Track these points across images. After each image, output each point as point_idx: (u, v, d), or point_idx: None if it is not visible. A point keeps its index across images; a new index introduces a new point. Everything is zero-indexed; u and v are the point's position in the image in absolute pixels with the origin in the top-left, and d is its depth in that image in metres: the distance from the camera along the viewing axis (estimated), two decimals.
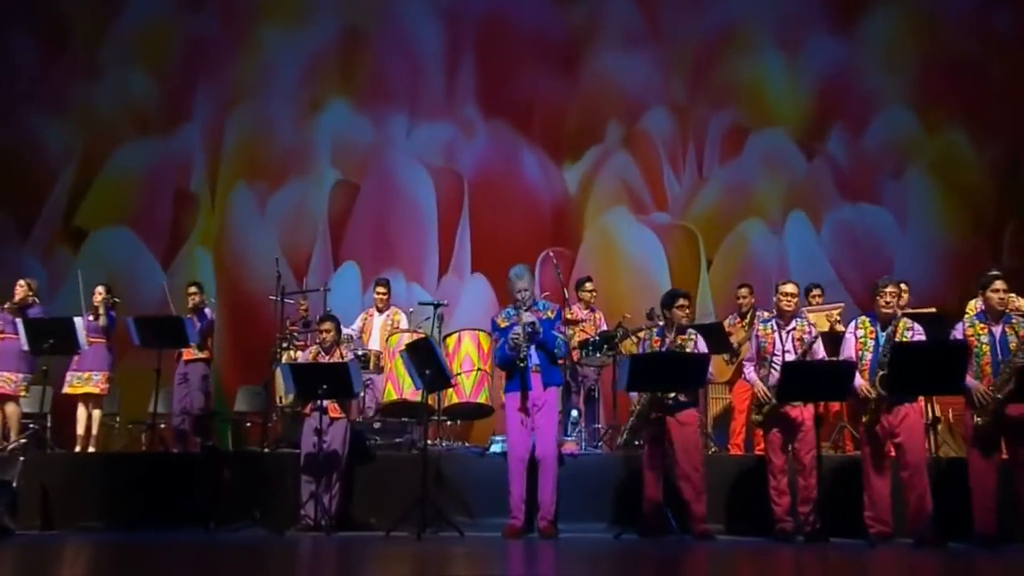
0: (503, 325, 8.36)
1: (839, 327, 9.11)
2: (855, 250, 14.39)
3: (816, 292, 11.06)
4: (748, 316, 10.74)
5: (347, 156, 15.53)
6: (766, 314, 9.41)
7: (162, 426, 11.38)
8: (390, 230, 14.93)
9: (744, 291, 10.94)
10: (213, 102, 15.63)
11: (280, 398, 10.50)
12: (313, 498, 8.83)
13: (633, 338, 9.76)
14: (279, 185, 15.30)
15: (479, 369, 9.79)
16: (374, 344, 11.06)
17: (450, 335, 10.31)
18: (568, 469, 8.82)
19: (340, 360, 9.25)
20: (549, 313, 8.40)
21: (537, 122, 15.53)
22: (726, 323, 10.90)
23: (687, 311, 8.45)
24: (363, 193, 15.29)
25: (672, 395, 8.30)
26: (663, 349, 8.42)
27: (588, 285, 11.21)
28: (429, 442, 9.44)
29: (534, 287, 8.36)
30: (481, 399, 9.99)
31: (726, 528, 8.85)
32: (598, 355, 10.48)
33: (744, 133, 15.41)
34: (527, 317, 8.14)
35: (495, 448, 9.55)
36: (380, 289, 11.47)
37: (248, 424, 12.14)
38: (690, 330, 8.63)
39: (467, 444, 10.66)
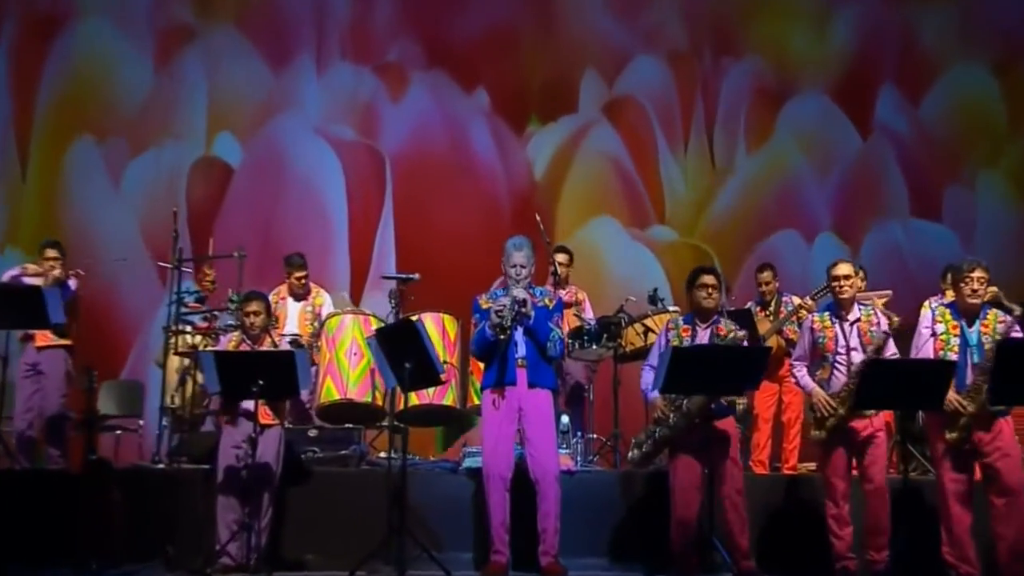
0: (486, 307, 7.67)
1: (893, 319, 8.23)
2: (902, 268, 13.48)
3: (858, 276, 9.70)
4: (772, 304, 9.92)
5: (222, 117, 13.81)
6: (807, 302, 9.33)
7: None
8: (279, 225, 13.20)
9: (766, 274, 10.02)
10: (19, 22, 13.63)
11: (172, 397, 9.88)
12: (236, 530, 7.98)
13: (638, 326, 9.30)
14: (135, 150, 13.55)
15: (444, 362, 8.88)
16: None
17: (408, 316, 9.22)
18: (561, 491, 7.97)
19: (279, 348, 8.41)
20: (547, 301, 7.78)
21: (491, 77, 14.07)
22: None
23: (714, 293, 7.70)
24: (241, 173, 13.63)
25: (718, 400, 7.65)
26: (693, 341, 7.73)
27: (561, 257, 10.17)
28: (381, 455, 9.15)
29: (532, 267, 7.69)
30: (447, 400, 9.23)
31: (765, 566, 8.13)
32: (594, 347, 9.68)
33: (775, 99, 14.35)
34: (519, 292, 7.50)
35: (470, 463, 8.72)
36: (298, 274, 10.38)
37: (119, 432, 10.94)
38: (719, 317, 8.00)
39: (433, 458, 9.95)
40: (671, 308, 9.64)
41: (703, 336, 7.82)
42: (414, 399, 9.01)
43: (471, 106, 13.89)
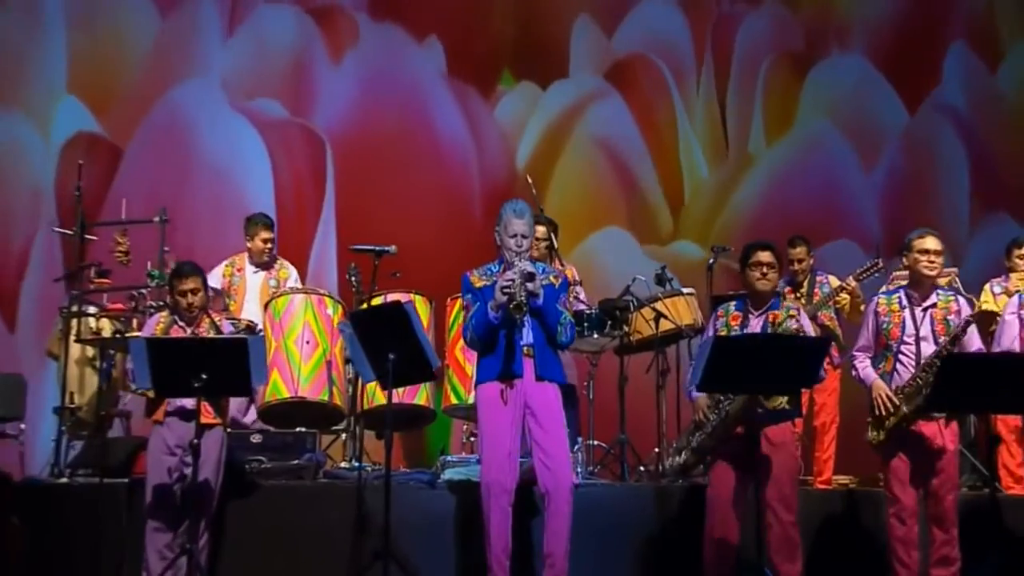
0: (479, 285, 7.26)
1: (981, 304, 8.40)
2: None
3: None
4: (805, 284, 9.50)
5: (88, 82, 12.46)
6: (849, 282, 9.21)
7: None
8: (185, 225, 11.52)
9: (799, 249, 9.51)
10: None
11: (71, 395, 9.43)
12: (171, 557, 7.55)
13: (647, 311, 9.09)
14: None
15: None
16: (248, 314, 9.57)
17: (368, 300, 8.93)
18: None
19: (226, 334, 7.89)
20: (552, 279, 7.33)
21: (454, 30, 12.91)
22: None
23: (770, 273, 7.33)
24: (130, 158, 12.24)
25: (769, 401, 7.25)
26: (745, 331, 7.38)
27: (540, 230, 9.23)
28: (342, 465, 8.86)
29: (531, 240, 7.30)
30: (420, 399, 8.92)
31: None
32: (595, 336, 9.11)
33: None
34: (526, 265, 7.02)
35: (450, 474, 8.37)
36: (267, 234, 9.81)
37: None
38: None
39: (405, 469, 9.39)
40: (685, 290, 9.19)
41: (756, 325, 7.42)
42: (379, 397, 8.52)
43: (432, 69, 12.83)
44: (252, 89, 12.60)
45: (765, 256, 7.38)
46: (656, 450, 9.36)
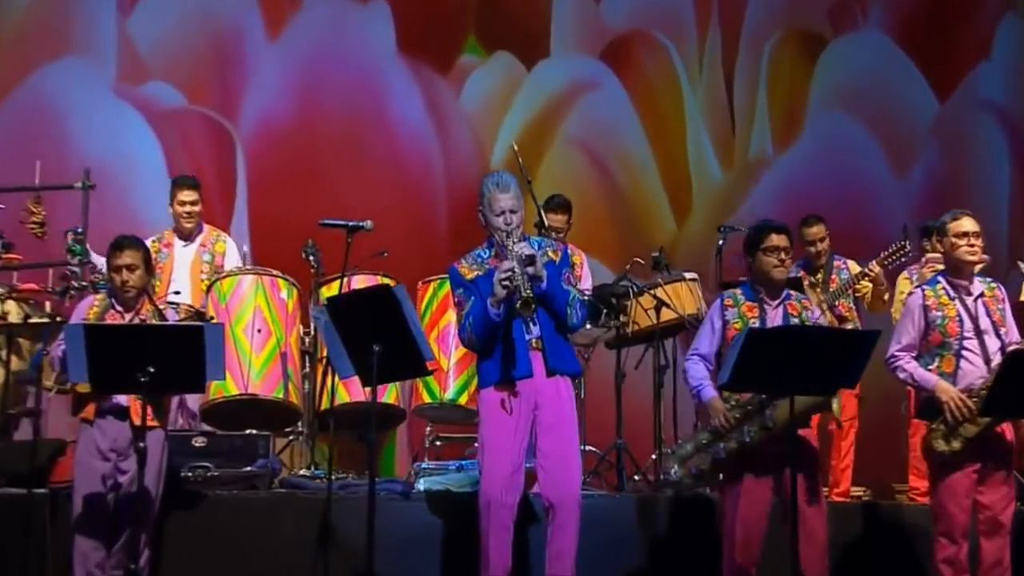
0: (471, 276, 7.04)
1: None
2: None
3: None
4: (822, 269, 9.31)
5: None
6: (873, 268, 8.97)
7: None
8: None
9: (816, 228, 9.30)
10: None
11: None
12: None
13: (646, 298, 8.83)
14: None
15: None
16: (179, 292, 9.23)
17: (328, 281, 8.71)
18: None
19: (175, 320, 7.73)
20: (551, 254, 7.11)
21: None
22: None
23: (788, 260, 7.16)
24: None
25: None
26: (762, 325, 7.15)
27: (557, 218, 9.31)
28: (302, 473, 8.52)
29: (522, 214, 7.01)
30: (389, 398, 8.71)
31: None
32: (588, 326, 8.87)
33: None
34: (522, 248, 6.80)
35: (426, 483, 8.26)
36: (187, 195, 9.38)
37: None
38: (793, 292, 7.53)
39: (375, 478, 8.49)
40: (687, 275, 8.95)
41: (774, 317, 7.20)
42: (343, 395, 8.36)
43: (384, 41, 12.11)
44: (146, 72, 11.81)
45: (782, 240, 7.16)
46: (653, 456, 9.18)
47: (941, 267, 8.58)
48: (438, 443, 9.09)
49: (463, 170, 11.92)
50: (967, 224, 7.32)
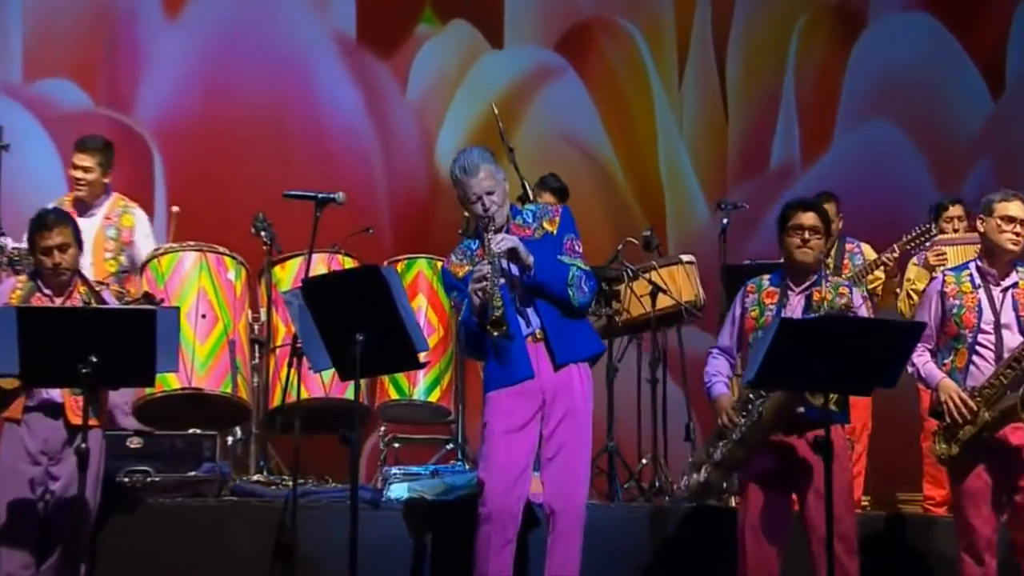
0: (462, 273, 6.85)
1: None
2: None
3: (954, 211, 9.45)
4: (833, 253, 9.06)
5: None
6: (892, 254, 8.88)
7: None
8: None
9: (829, 207, 8.86)
10: None
11: None
12: None
13: (640, 284, 8.67)
14: None
15: None
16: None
17: (282, 260, 8.54)
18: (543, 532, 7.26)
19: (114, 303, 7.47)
20: (547, 224, 6.88)
21: None
22: None
23: (813, 240, 6.92)
24: None
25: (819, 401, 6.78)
26: (782, 312, 7.01)
27: (549, 198, 9.12)
28: (256, 479, 8.28)
29: (506, 188, 6.80)
30: (351, 393, 7.92)
31: None
32: None
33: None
34: (500, 242, 6.57)
35: (397, 491, 8.00)
36: (80, 159, 8.82)
37: None
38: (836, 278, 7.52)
39: (336, 484, 8.71)
40: (684, 258, 8.82)
41: (796, 304, 7.01)
42: (302, 391, 8.20)
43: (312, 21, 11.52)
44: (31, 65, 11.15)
45: (807, 218, 6.94)
46: (644, 461, 9.11)
47: (948, 251, 8.68)
48: (396, 445, 8.79)
49: (408, 168, 11.54)
50: (1015, 208, 7.13)
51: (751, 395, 6.87)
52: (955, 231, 9.43)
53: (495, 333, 6.43)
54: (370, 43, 11.50)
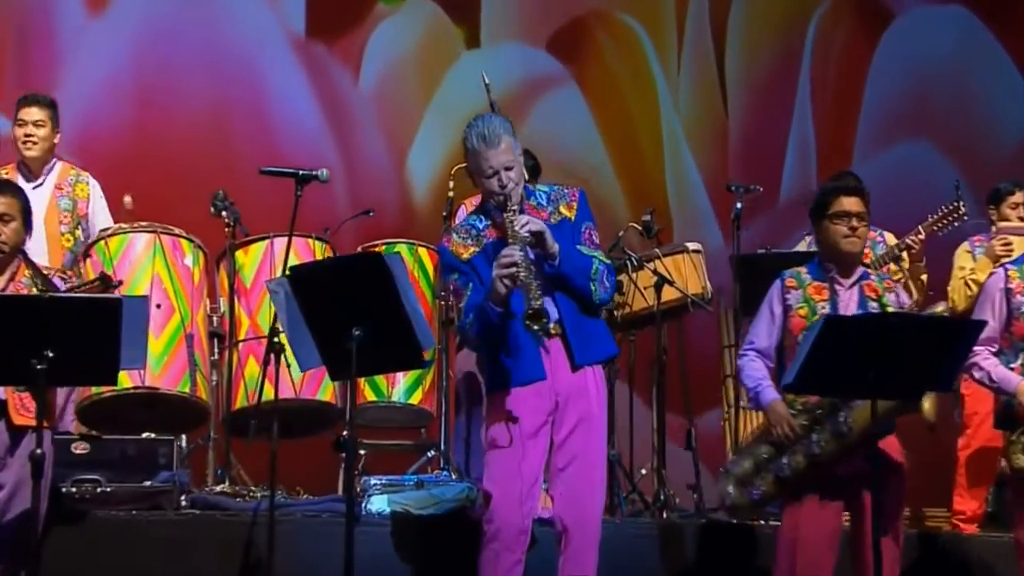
0: (467, 255, 6.47)
1: None
2: None
3: (1019, 197, 9.14)
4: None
5: None
6: (916, 237, 8.57)
7: None
8: None
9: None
10: None
11: None
12: None
13: (644, 274, 8.45)
14: None
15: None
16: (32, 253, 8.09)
17: (245, 244, 8.24)
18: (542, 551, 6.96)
19: (65, 289, 7.13)
20: (564, 209, 6.53)
21: None
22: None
23: (862, 228, 6.73)
24: None
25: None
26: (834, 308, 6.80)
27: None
28: (218, 489, 7.96)
29: (521, 165, 6.38)
30: (324, 394, 8.19)
31: None
32: None
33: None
34: (526, 224, 6.19)
35: (377, 504, 7.66)
36: (24, 115, 8.49)
37: None
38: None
39: (308, 495, 8.47)
40: (690, 246, 8.57)
41: (848, 300, 6.75)
42: (267, 392, 7.65)
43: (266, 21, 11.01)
44: None
45: (852, 204, 6.68)
46: (644, 472, 8.88)
47: (1015, 241, 8.51)
48: (361, 452, 8.34)
49: (373, 181, 11.05)
50: None
51: (834, 405, 6.55)
52: (1021, 219, 9.26)
53: (534, 327, 6.04)
54: (320, 33, 10.99)
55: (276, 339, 7.31)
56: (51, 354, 5.98)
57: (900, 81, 11.85)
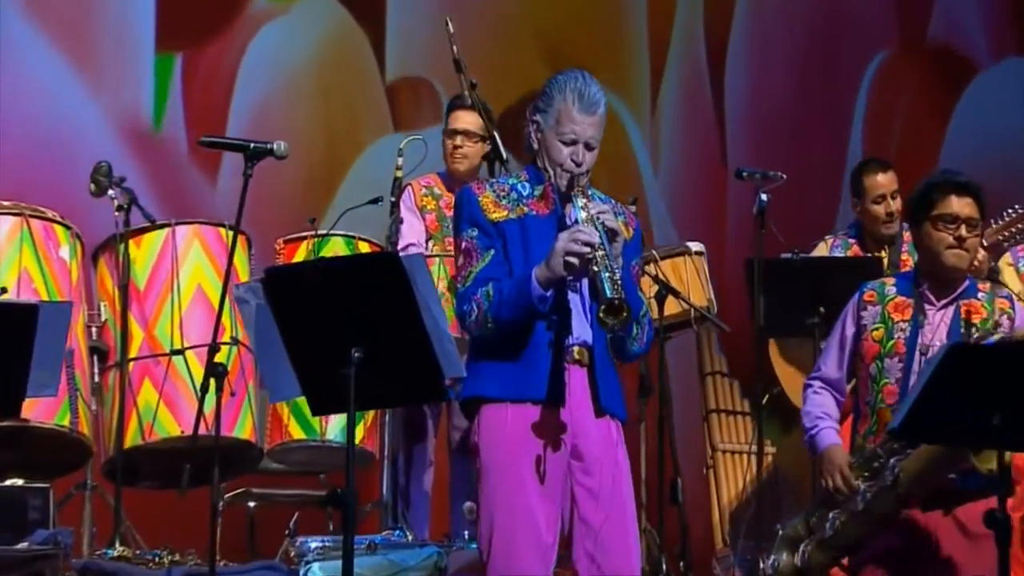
0: (497, 216, 5.89)
1: None
2: None
3: None
4: (890, 244, 8.56)
5: None
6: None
7: None
8: None
9: (883, 177, 8.42)
10: None
11: None
12: None
13: (644, 279, 7.39)
14: None
15: (234, 340, 7.48)
16: None
17: (138, 233, 7.82)
18: None
19: None
20: (622, 226, 5.90)
21: None
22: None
23: (970, 238, 6.28)
24: None
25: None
26: (920, 331, 6.40)
27: (470, 119, 8.38)
28: (114, 554, 7.34)
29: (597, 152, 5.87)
30: (242, 431, 7.58)
31: None
32: None
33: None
34: (603, 213, 5.62)
35: (318, 572, 7.19)
36: None
37: None
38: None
39: (231, 563, 7.72)
40: (693, 247, 8.21)
41: (939, 323, 6.27)
42: (167, 426, 7.30)
43: None
44: None
45: (964, 206, 6.12)
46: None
47: None
48: (251, 504, 7.80)
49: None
50: None
51: (880, 449, 6.06)
52: None
53: (610, 321, 5.40)
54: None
55: (216, 360, 6.52)
56: None
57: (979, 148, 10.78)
